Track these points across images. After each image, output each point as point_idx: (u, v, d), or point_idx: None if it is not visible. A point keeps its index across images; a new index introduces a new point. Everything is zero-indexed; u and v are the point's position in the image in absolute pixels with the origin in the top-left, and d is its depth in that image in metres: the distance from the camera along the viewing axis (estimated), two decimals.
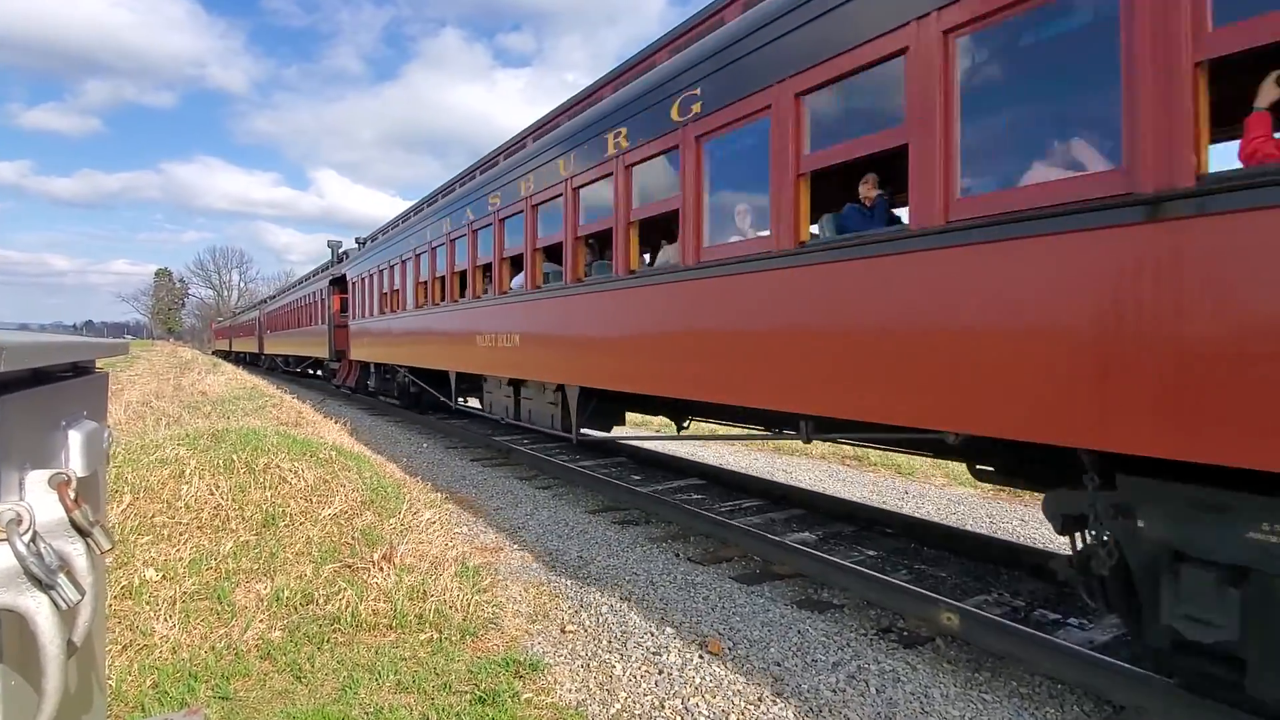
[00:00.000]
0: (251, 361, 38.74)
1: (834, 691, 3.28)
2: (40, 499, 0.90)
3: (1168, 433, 2.46)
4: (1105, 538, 3.00)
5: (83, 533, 0.94)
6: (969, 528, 5.77)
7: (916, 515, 6.05)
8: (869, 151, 3.66)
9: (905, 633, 3.94)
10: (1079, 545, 3.22)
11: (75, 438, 1.06)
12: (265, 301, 37.04)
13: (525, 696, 3.15)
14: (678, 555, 5.37)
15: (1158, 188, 2.48)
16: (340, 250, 21.63)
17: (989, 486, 7.50)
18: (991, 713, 3.10)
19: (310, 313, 22.15)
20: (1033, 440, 2.91)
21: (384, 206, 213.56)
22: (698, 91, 4.77)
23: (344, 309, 18.36)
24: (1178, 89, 2.44)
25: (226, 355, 48.28)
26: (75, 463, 1.05)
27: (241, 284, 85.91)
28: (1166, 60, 2.46)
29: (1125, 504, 2.87)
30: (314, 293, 21.57)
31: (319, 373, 24.72)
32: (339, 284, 18.69)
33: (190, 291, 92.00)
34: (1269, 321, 2.22)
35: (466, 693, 3.15)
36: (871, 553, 5.14)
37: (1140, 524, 2.81)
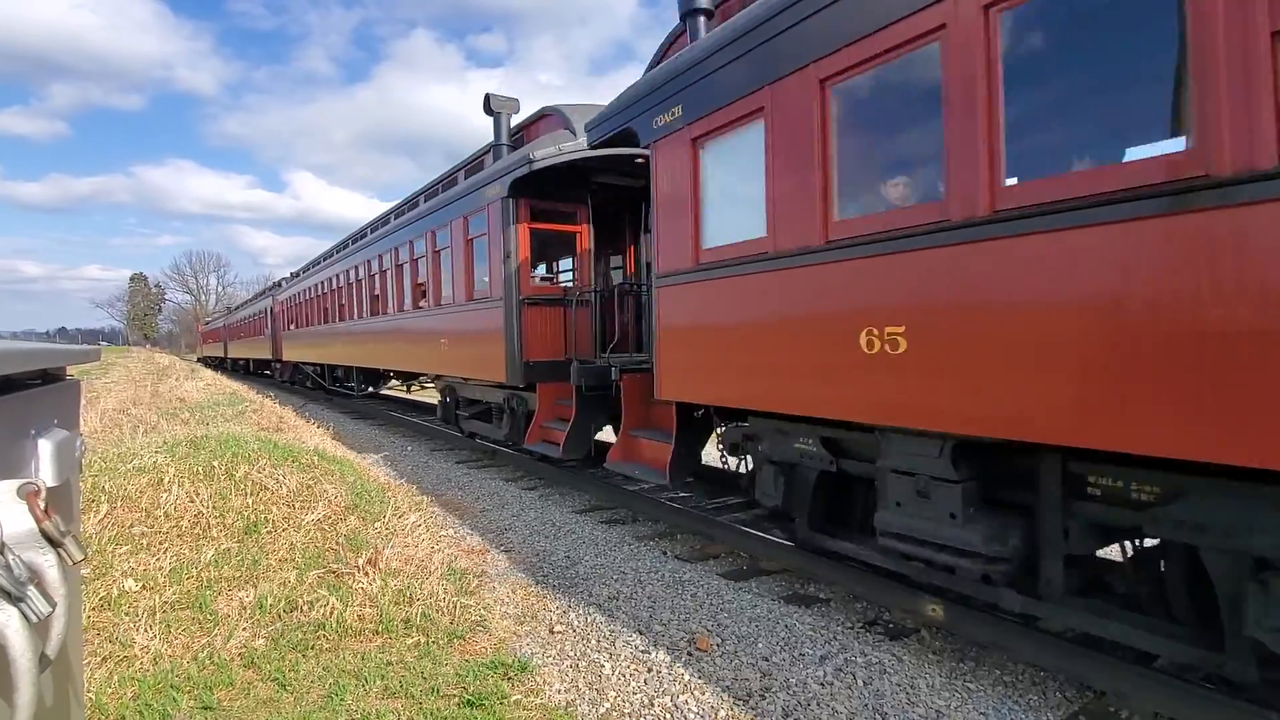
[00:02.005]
0: (256, 372, 30.68)
1: (822, 684, 3.31)
2: (9, 509, 0.88)
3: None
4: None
5: (54, 543, 0.92)
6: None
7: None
8: None
9: (891, 625, 3.98)
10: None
11: (45, 447, 1.04)
12: (280, 284, 25.50)
13: (514, 698, 3.13)
14: (665, 553, 5.37)
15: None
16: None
17: None
18: (976, 701, 3.14)
19: (426, 273, 10.10)
20: None
21: (362, 208, 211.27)
22: None
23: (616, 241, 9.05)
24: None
25: (219, 364, 38.80)
26: (46, 472, 1.02)
27: (219, 288, 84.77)
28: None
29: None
30: (468, 217, 8.65)
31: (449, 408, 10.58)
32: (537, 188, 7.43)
33: (167, 296, 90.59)
34: None
35: (454, 696, 3.13)
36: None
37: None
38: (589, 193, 7.91)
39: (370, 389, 16.37)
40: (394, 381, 15.24)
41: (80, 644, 1.32)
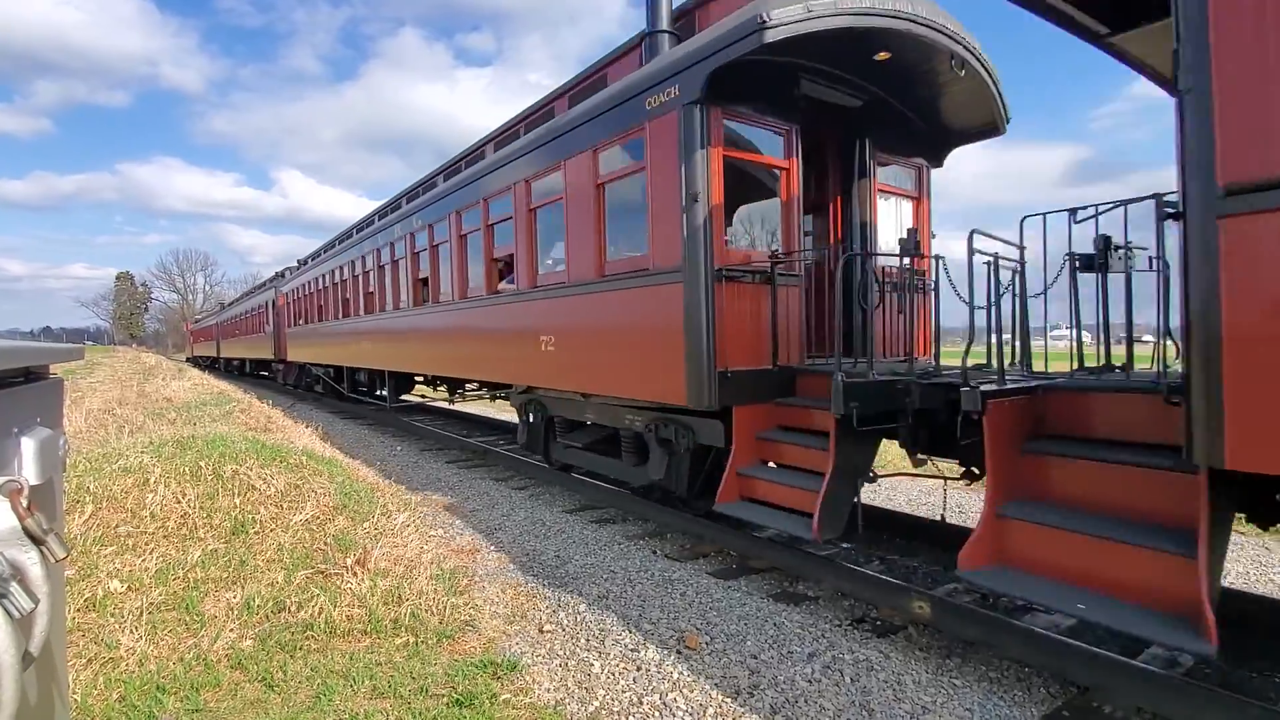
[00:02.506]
0: (253, 374, 27.56)
1: (809, 682, 3.33)
2: None
3: None
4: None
5: (36, 541, 0.92)
6: (939, 517, 5.89)
7: (888, 507, 6.15)
8: None
9: (878, 622, 4.01)
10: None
11: (28, 445, 1.04)
12: (284, 275, 21.93)
13: (503, 697, 3.14)
14: (655, 552, 5.39)
15: None
16: None
17: (955, 478, 7.66)
18: (962, 696, 3.17)
19: None
20: None
21: (351, 207, 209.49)
22: None
23: None
24: None
25: (211, 365, 36.38)
26: (28, 470, 1.02)
27: (207, 287, 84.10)
28: None
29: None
30: None
31: None
32: None
33: (153, 295, 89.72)
34: None
35: (444, 696, 3.13)
36: (845, 545, 5.21)
37: None
38: (798, 110, 5.25)
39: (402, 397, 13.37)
40: (421, 386, 12.90)
41: (64, 643, 1.32)
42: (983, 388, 3.57)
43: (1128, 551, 2.99)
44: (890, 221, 6.09)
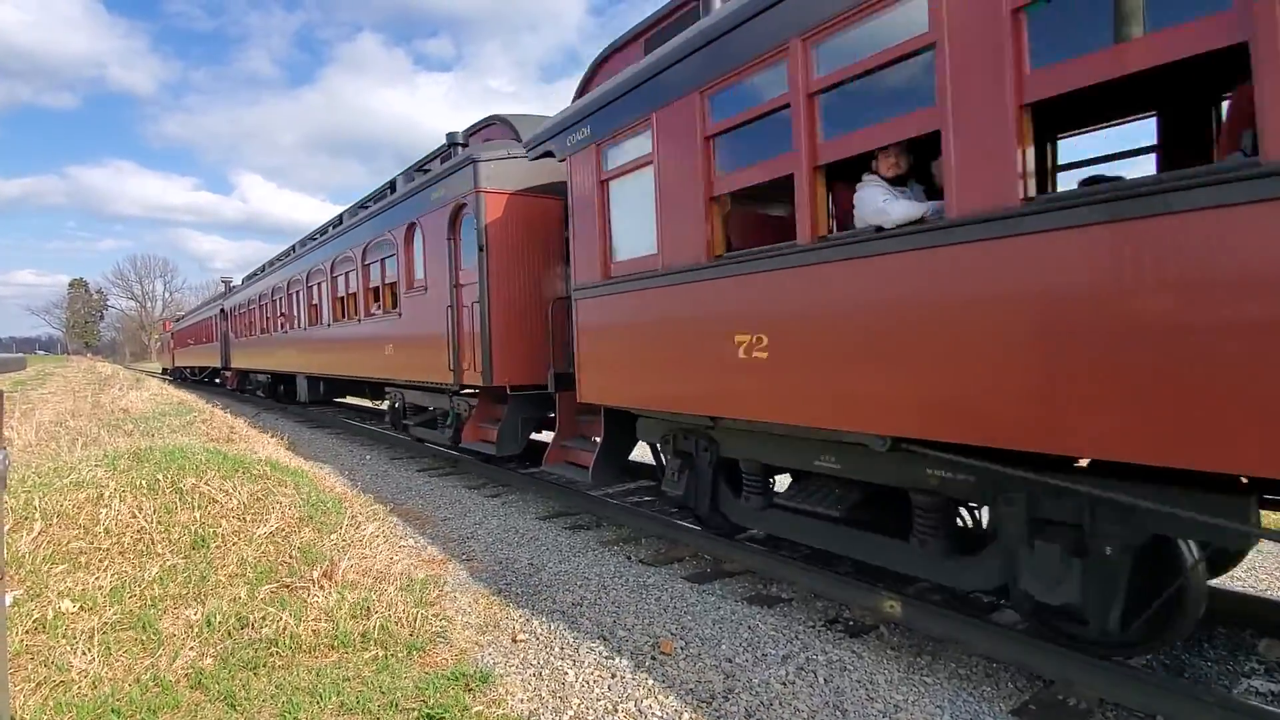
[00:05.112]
0: (350, 405, 16.30)
1: (784, 684, 3.34)
2: None
3: None
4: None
5: None
6: None
7: None
8: None
9: (851, 623, 4.04)
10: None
11: None
12: (464, 141, 8.19)
13: (476, 710, 3.08)
14: (629, 558, 5.36)
15: None
16: None
17: None
18: (933, 694, 3.21)
19: None
20: None
21: (315, 211, 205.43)
22: None
23: None
24: None
25: (208, 380, 26.37)
26: None
27: (166, 294, 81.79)
28: None
29: None
30: None
31: None
32: None
33: (109, 303, 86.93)
34: None
35: (414, 710, 3.06)
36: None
37: None
38: None
39: None
40: None
41: (4, 666, 1.26)
42: None
43: None
44: None
